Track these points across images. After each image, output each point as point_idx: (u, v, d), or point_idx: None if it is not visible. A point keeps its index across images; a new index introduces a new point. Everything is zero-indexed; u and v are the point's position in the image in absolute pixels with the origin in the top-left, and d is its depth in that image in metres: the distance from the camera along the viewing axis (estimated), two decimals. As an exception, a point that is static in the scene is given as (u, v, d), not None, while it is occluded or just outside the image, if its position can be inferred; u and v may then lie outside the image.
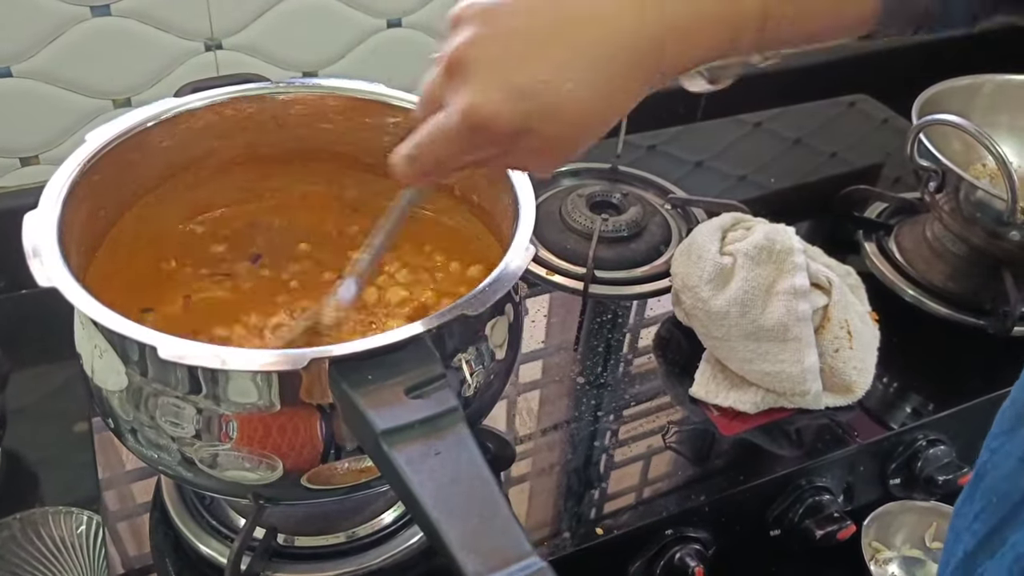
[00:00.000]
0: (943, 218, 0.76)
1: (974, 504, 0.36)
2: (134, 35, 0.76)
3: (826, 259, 0.71)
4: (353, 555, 0.56)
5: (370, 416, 0.38)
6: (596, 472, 0.62)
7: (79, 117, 0.79)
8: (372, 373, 0.40)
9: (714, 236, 0.68)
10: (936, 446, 0.68)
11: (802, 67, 1.16)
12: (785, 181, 0.99)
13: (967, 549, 0.36)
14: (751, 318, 0.64)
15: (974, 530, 0.36)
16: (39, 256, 0.42)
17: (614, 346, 0.72)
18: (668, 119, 1.06)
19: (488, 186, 0.55)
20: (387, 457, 0.37)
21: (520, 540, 0.35)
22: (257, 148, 0.60)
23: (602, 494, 0.61)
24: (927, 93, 0.80)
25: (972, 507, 0.36)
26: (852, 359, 0.66)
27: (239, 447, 0.44)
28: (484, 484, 0.37)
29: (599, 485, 0.61)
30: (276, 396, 0.43)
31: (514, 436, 0.64)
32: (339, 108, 0.58)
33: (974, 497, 0.37)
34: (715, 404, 0.66)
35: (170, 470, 0.47)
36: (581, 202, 0.82)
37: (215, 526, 0.56)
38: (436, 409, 0.39)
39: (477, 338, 0.48)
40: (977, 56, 1.03)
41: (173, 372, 0.42)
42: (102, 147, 0.50)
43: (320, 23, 0.83)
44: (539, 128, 0.37)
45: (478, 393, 0.49)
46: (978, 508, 0.36)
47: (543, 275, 0.77)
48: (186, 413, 0.43)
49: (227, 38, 0.80)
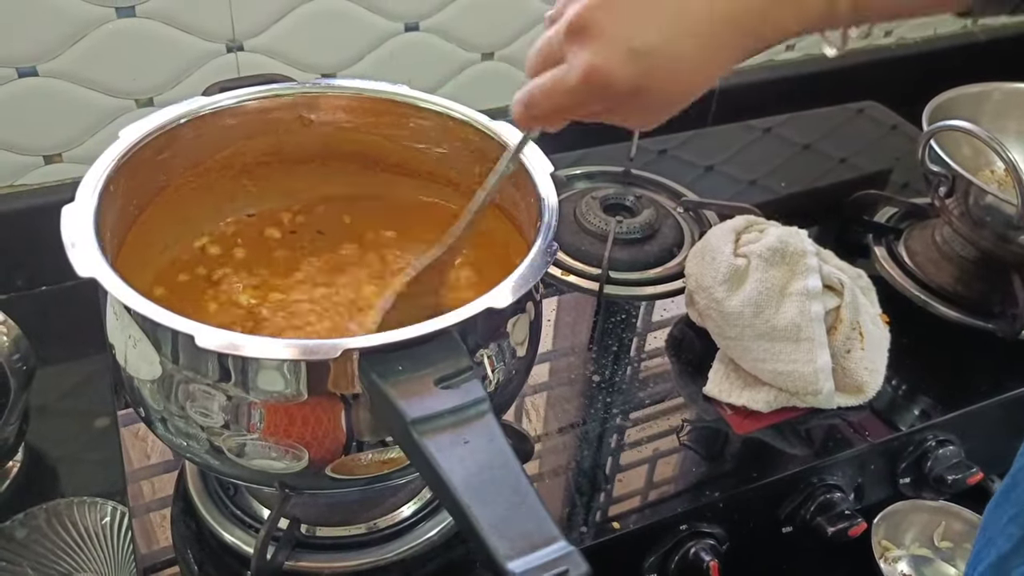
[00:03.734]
0: (952, 222, 0.77)
1: (1008, 509, 0.38)
2: (157, 36, 0.78)
3: (838, 262, 0.72)
4: (374, 546, 0.57)
5: (400, 406, 0.39)
6: (611, 469, 0.63)
7: (102, 116, 0.80)
8: (402, 364, 0.41)
9: (728, 238, 0.69)
10: (945, 446, 0.69)
11: (811, 74, 1.17)
12: (795, 186, 1.00)
13: (1000, 552, 0.37)
14: (764, 318, 0.65)
15: (1009, 533, 0.37)
16: (77, 248, 0.43)
17: (628, 346, 0.73)
18: (679, 124, 1.06)
19: (512, 187, 0.56)
20: (417, 445, 0.38)
21: (548, 525, 0.36)
22: (282, 147, 0.61)
23: (618, 490, 0.61)
24: (937, 100, 0.81)
25: (1005, 512, 0.38)
26: (863, 360, 0.67)
27: (266, 437, 0.45)
28: (512, 472, 0.38)
29: (615, 482, 0.62)
30: (304, 385, 0.44)
31: (533, 434, 0.65)
32: (363, 109, 0.59)
33: (1007, 502, 0.38)
34: (729, 403, 0.67)
35: (198, 458, 0.48)
36: (595, 204, 0.84)
37: (239, 516, 0.57)
38: (465, 399, 0.40)
39: (499, 334, 0.49)
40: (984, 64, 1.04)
41: (205, 361, 0.43)
42: (136, 143, 0.51)
43: (338, 26, 0.85)
44: (652, 87, 0.40)
45: (499, 389, 0.50)
46: (1012, 513, 0.37)
47: (559, 276, 0.78)
48: (216, 402, 0.44)
49: (248, 40, 0.82)
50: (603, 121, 0.45)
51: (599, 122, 0.46)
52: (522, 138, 0.50)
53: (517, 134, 0.55)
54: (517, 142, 0.50)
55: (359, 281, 0.60)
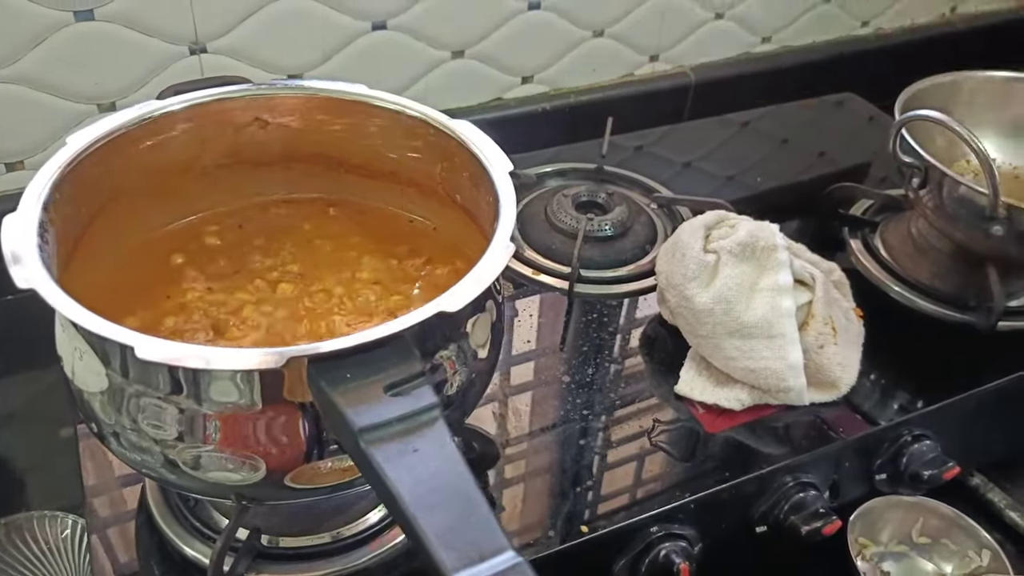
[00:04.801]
0: (927, 214, 0.77)
1: None
2: (118, 40, 0.77)
3: (810, 256, 0.71)
4: (339, 555, 0.56)
5: (348, 414, 0.38)
6: (581, 472, 0.62)
7: (64, 122, 0.79)
8: (351, 371, 0.40)
9: (698, 234, 0.68)
10: (921, 441, 0.68)
11: (788, 67, 1.16)
12: (773, 180, 0.99)
13: None
14: (735, 315, 0.64)
15: None
16: (18, 259, 0.42)
17: (600, 345, 0.72)
18: (654, 119, 1.06)
19: (471, 187, 0.56)
20: (365, 455, 0.37)
21: (497, 535, 0.35)
22: (241, 150, 0.60)
23: (588, 493, 0.61)
24: (910, 90, 0.80)
25: None
26: (837, 355, 0.66)
27: (222, 448, 0.44)
28: (462, 480, 0.37)
29: (585, 484, 0.61)
30: (258, 395, 0.43)
31: (503, 438, 0.64)
32: (322, 109, 0.58)
33: None
34: (700, 402, 0.66)
35: (154, 473, 0.47)
36: (567, 202, 0.83)
37: (199, 528, 0.56)
38: (415, 406, 0.39)
39: (458, 335, 0.48)
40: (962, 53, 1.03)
41: (154, 373, 0.42)
42: (83, 150, 0.50)
43: (304, 26, 0.84)
44: None
45: (460, 392, 0.49)
46: None
47: (529, 275, 0.77)
48: (168, 414, 0.43)
49: (211, 42, 0.81)
50: None
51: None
52: None
53: (476, 132, 0.54)
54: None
55: (328, 285, 0.59)
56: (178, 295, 0.57)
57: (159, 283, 0.57)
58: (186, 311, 0.56)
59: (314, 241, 0.62)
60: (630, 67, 1.07)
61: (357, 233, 0.63)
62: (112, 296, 0.55)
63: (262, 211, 0.63)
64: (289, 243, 0.62)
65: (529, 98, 1.01)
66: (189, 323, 0.55)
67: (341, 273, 0.60)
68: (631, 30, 1.03)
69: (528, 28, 0.95)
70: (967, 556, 0.68)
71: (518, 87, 1.00)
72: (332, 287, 0.59)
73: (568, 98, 1.02)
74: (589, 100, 1.03)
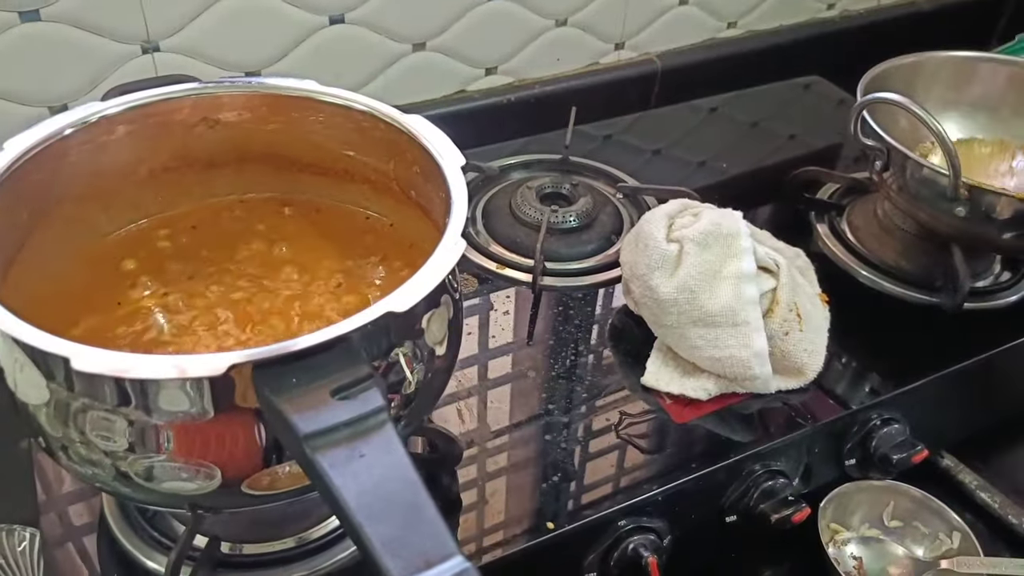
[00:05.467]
0: (892, 197, 0.76)
1: None
2: (67, 40, 0.75)
3: (774, 242, 0.70)
4: (303, 559, 0.55)
5: (293, 420, 0.37)
6: (548, 468, 0.61)
7: (14, 127, 0.75)
8: (296, 376, 0.39)
9: (660, 224, 0.67)
10: (890, 425, 0.68)
11: (754, 51, 1.16)
12: (744, 165, 0.98)
13: None
14: (699, 304, 0.63)
15: None
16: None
17: (567, 338, 0.71)
18: (622, 108, 1.06)
19: (424, 182, 0.55)
20: (311, 462, 0.37)
21: (445, 540, 0.34)
22: (190, 152, 0.58)
23: (555, 490, 0.60)
24: (873, 72, 0.80)
25: None
26: (803, 342, 0.66)
27: (175, 458, 0.43)
28: (409, 485, 0.36)
29: (551, 481, 0.60)
30: (209, 402, 0.41)
31: (468, 437, 0.63)
32: (270, 107, 0.57)
33: None
34: (667, 392, 0.65)
35: (107, 486, 0.45)
36: (531, 194, 0.82)
37: (158, 539, 0.54)
38: (361, 410, 0.38)
39: (413, 333, 0.47)
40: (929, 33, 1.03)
41: (100, 385, 0.41)
42: (20, 156, 0.49)
43: (260, 22, 0.82)
44: None
45: (418, 390, 0.48)
46: None
47: (494, 269, 0.76)
48: (117, 427, 0.42)
49: (164, 40, 0.79)
50: None
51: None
52: None
53: (427, 126, 0.53)
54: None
55: (284, 287, 0.58)
56: (129, 302, 0.55)
57: (109, 290, 0.56)
58: (138, 318, 0.55)
59: (269, 242, 0.61)
60: (595, 56, 1.06)
61: (313, 233, 0.62)
62: (59, 305, 0.54)
63: (215, 213, 0.62)
64: (244, 245, 0.60)
65: (493, 90, 1.00)
66: (141, 331, 0.54)
67: (297, 274, 0.59)
68: (594, 18, 1.02)
69: (490, 18, 0.94)
70: (938, 539, 0.68)
71: (482, 79, 0.99)
72: (288, 289, 0.58)
73: (533, 89, 1.01)
74: (554, 90, 1.02)
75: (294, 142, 0.59)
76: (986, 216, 0.68)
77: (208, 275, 0.58)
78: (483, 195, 0.85)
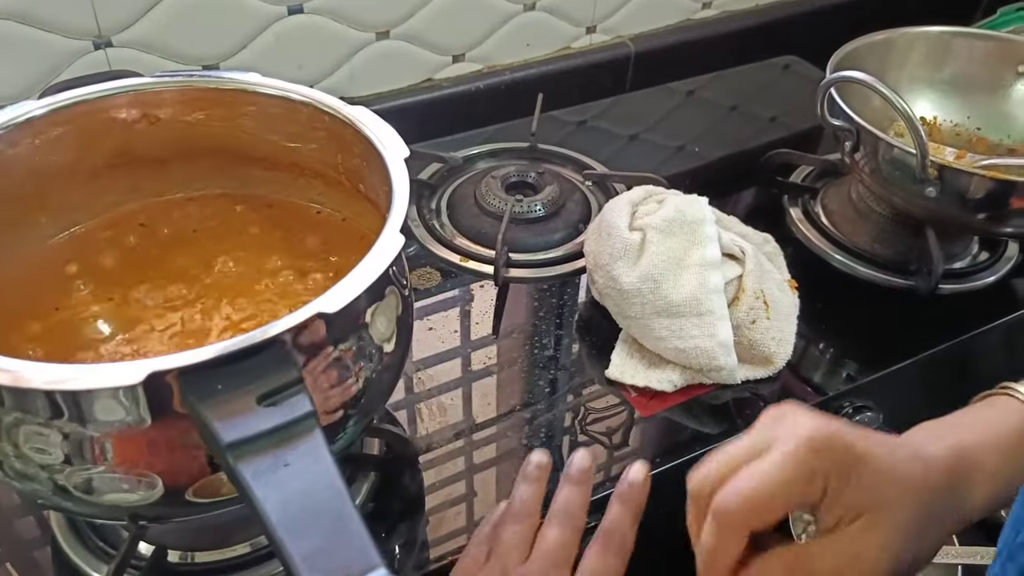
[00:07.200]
0: (864, 179, 0.75)
1: None
2: (15, 37, 0.73)
3: (742, 228, 0.69)
4: (258, 565, 0.54)
5: (216, 428, 0.36)
6: (509, 468, 0.60)
7: (-35, 126, 0.75)
8: (223, 382, 0.37)
9: (623, 212, 0.65)
10: (863, 412, 0.67)
11: (730, 32, 1.14)
12: (723, 149, 0.96)
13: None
14: (662, 294, 0.62)
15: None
16: None
17: (531, 332, 0.70)
18: (595, 93, 1.04)
19: (370, 174, 0.53)
20: (233, 472, 0.35)
21: (368, 552, 0.33)
22: (132, 148, 0.57)
23: (516, 486, 0.58)
24: (843, 51, 0.78)
25: None
26: (770, 330, 0.64)
27: (114, 468, 0.41)
28: (334, 495, 0.35)
29: (511, 481, 0.59)
30: (145, 410, 0.40)
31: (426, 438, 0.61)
32: (210, 101, 0.55)
33: None
34: (632, 385, 0.64)
35: (47, 501, 0.44)
36: (496, 184, 0.80)
37: (105, 549, 0.53)
38: (287, 417, 0.37)
39: (357, 329, 0.45)
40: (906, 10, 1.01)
41: (31, 398, 0.40)
42: (-54, 158, 0.47)
43: (216, 13, 0.80)
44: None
45: (366, 387, 0.46)
46: None
47: (458, 262, 0.75)
48: (52, 440, 0.41)
49: (117, 35, 0.77)
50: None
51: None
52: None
53: (371, 117, 0.51)
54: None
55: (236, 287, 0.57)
56: (68, 307, 0.54)
57: (49, 295, 0.54)
58: (76, 325, 0.53)
59: (221, 240, 0.59)
60: (566, 40, 1.04)
61: (265, 229, 0.60)
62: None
63: (165, 211, 0.61)
64: (194, 244, 0.59)
65: (462, 77, 0.98)
66: (78, 337, 0.52)
67: (250, 273, 0.58)
68: (564, 2, 1.00)
69: (456, 4, 0.92)
70: (913, 526, 0.67)
71: (450, 66, 0.97)
72: (241, 289, 0.57)
73: (503, 75, 0.99)
74: (525, 77, 1.00)
75: (241, 137, 0.57)
76: (958, 197, 0.67)
77: (155, 276, 0.57)
78: (448, 186, 0.83)
